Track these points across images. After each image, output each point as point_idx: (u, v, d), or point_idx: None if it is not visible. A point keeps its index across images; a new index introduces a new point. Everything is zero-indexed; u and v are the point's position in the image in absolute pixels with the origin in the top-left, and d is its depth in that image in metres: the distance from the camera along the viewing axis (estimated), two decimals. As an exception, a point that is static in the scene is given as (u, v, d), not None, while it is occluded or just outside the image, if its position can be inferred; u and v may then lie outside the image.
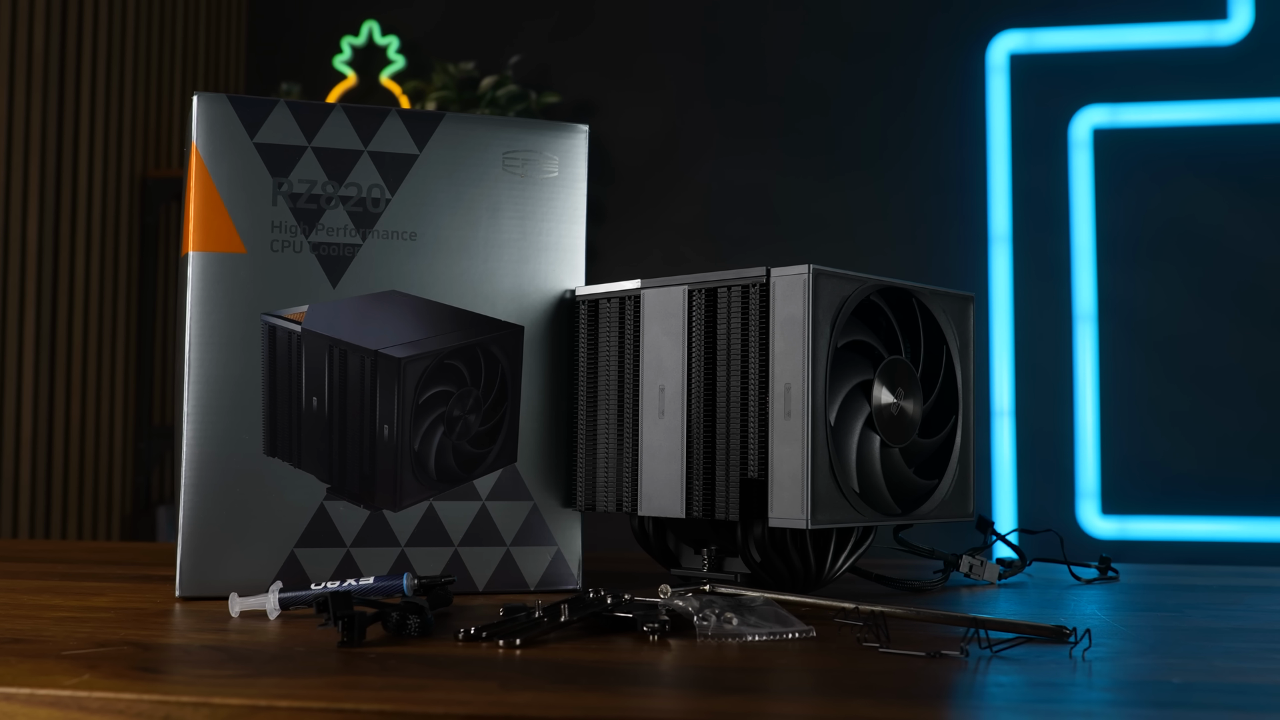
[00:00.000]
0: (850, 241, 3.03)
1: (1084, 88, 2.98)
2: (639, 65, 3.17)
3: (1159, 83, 2.95)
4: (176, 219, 3.06)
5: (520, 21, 3.21)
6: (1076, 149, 2.98)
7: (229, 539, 0.82)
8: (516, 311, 0.88)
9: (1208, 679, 0.56)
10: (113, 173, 2.83)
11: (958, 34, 3.05)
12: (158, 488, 2.97)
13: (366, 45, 3.17)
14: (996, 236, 2.99)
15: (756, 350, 0.78)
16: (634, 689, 0.54)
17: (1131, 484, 2.90)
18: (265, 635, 0.66)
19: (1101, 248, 2.95)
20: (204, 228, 0.82)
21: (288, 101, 0.84)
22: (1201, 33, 2.94)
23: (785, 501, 0.76)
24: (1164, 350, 2.92)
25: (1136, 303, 2.93)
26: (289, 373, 0.83)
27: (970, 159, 3.02)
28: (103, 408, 2.80)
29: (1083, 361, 2.94)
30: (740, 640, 0.65)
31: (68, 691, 0.51)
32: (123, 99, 2.86)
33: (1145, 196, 2.94)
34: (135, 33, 2.90)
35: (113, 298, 2.82)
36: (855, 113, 3.09)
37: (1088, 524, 2.89)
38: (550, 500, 0.89)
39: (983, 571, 0.96)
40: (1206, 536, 2.84)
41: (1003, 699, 0.52)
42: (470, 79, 3.09)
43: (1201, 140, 2.93)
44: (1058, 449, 2.94)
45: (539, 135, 0.90)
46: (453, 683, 0.53)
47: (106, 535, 2.79)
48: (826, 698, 0.53)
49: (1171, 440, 2.90)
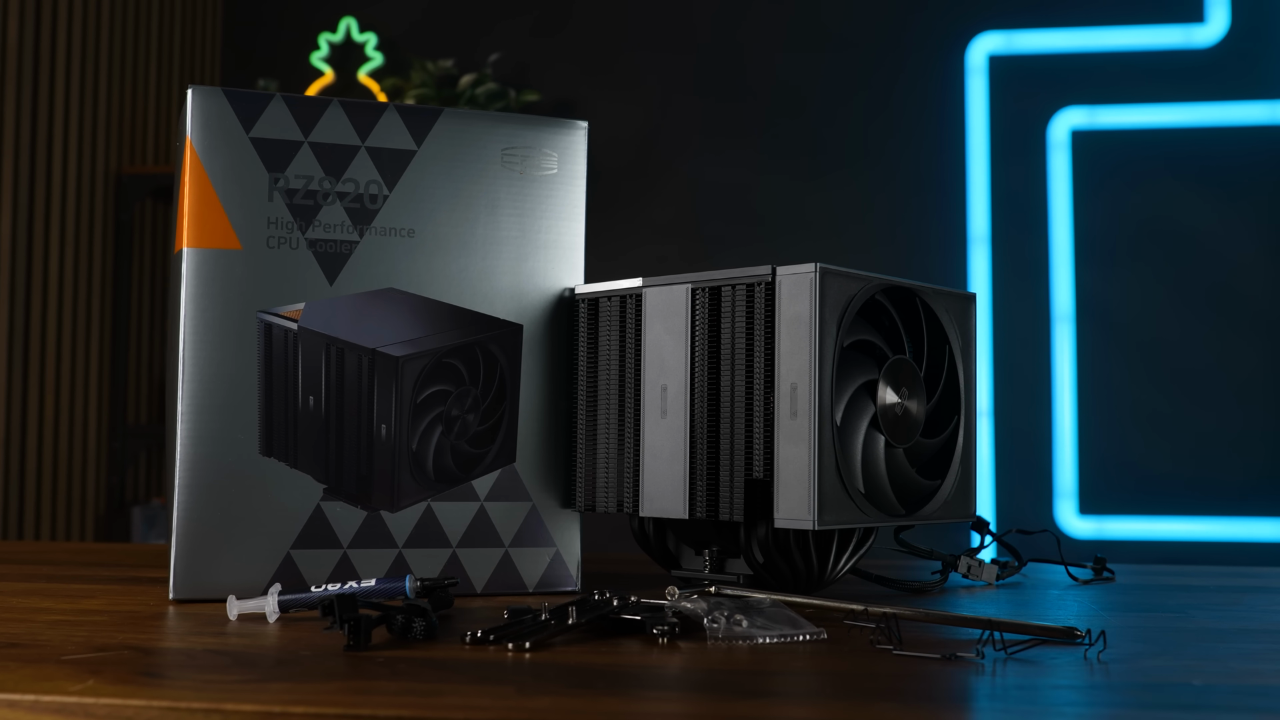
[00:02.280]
0: (832, 241, 3.03)
1: (1062, 89, 2.99)
2: (619, 64, 3.16)
3: (1136, 85, 2.97)
4: (152, 216, 3.03)
5: (499, 19, 3.20)
6: (1055, 150, 2.99)
7: (224, 540, 0.80)
8: (515, 310, 0.87)
9: (1227, 681, 0.56)
10: (87, 169, 2.79)
11: (937, 35, 3.06)
12: (132, 488, 2.94)
13: (344, 42, 3.14)
14: (975, 237, 2.99)
15: (762, 349, 0.77)
16: (653, 693, 0.54)
17: (1108, 484, 2.92)
18: (267, 639, 0.65)
19: (1079, 248, 2.96)
20: (198, 223, 0.81)
21: (284, 95, 0.83)
22: (1178, 35, 2.96)
23: (791, 502, 0.75)
24: (1141, 350, 2.93)
25: (1114, 303, 2.95)
26: (285, 371, 0.82)
27: (950, 160, 3.03)
28: (76, 406, 2.76)
29: (1061, 362, 2.95)
30: (750, 643, 0.65)
31: (73, 698, 0.49)
32: (97, 95, 2.83)
33: (1122, 197, 2.96)
34: (110, 28, 2.87)
35: (87, 295, 2.79)
36: (836, 113, 3.09)
37: (1065, 524, 2.90)
38: (549, 501, 0.88)
39: (980, 572, 0.96)
40: (1183, 536, 2.86)
41: (1028, 702, 0.52)
42: (449, 76, 3.07)
43: (1178, 142, 2.95)
44: (1036, 449, 2.95)
45: (538, 131, 0.89)
46: (468, 687, 0.52)
47: (80, 536, 2.76)
48: (850, 701, 0.52)
49: (1148, 440, 2.91)
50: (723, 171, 3.10)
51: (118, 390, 2.85)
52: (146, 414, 2.99)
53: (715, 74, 3.13)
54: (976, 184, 3.01)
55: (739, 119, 3.11)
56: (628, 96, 3.13)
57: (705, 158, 3.11)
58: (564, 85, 3.16)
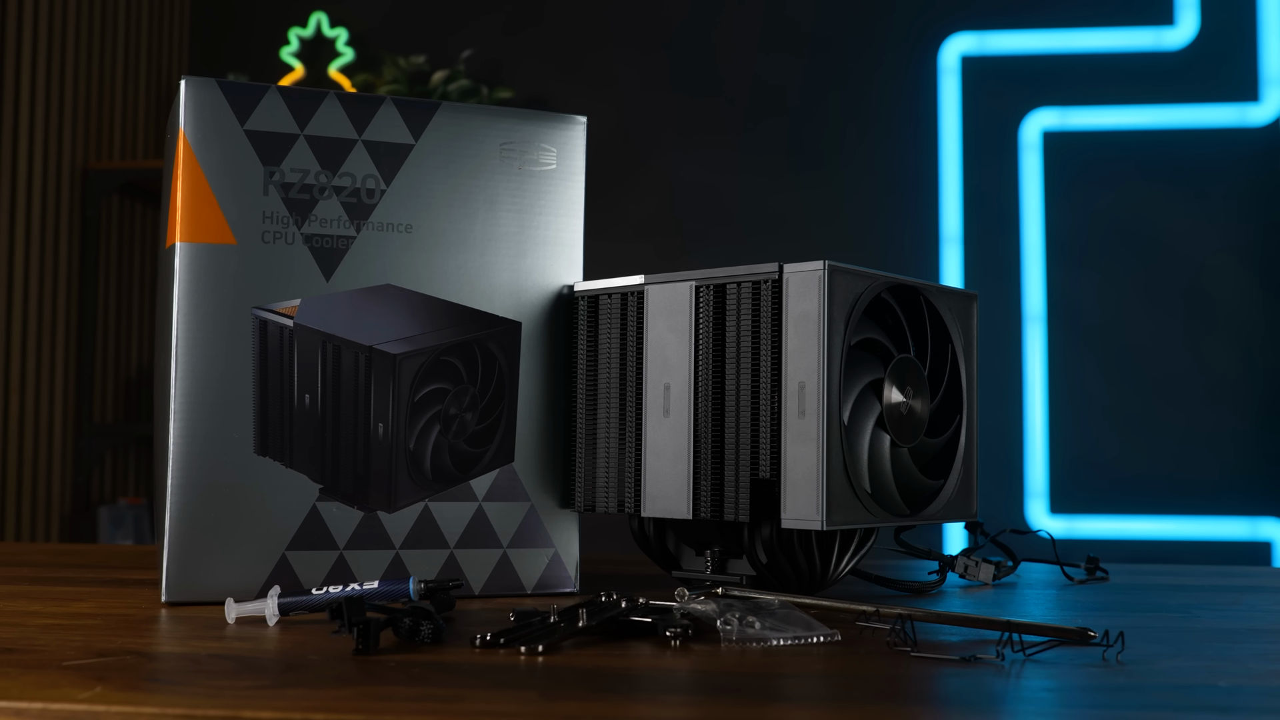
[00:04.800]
0: (807, 240, 3.03)
1: (1034, 91, 3.01)
2: (592, 60, 3.14)
3: (1107, 86, 2.99)
4: (119, 211, 2.98)
5: (471, 15, 3.17)
6: (1027, 151, 3.00)
7: (217, 542, 0.79)
8: (514, 307, 0.86)
9: (1251, 682, 0.56)
10: (53, 164, 2.75)
11: (910, 36, 3.07)
12: (98, 488, 2.89)
13: (315, 37, 3.11)
14: (948, 237, 3.00)
15: (768, 348, 0.76)
16: (677, 697, 0.52)
17: (1078, 483, 2.93)
18: (270, 643, 0.63)
19: (1051, 249, 2.97)
20: (192, 218, 0.79)
21: (279, 88, 0.81)
22: (1149, 38, 2.98)
23: (799, 502, 0.74)
24: (1111, 350, 2.95)
25: (1085, 303, 2.96)
26: (280, 369, 0.80)
27: (923, 159, 3.04)
28: (41, 405, 2.72)
29: (1032, 361, 2.96)
30: (764, 645, 0.64)
31: (83, 705, 0.48)
32: (63, 89, 2.79)
33: (1093, 198, 2.98)
34: (77, 21, 2.83)
35: (52, 291, 2.75)
36: (810, 112, 3.09)
37: (1036, 523, 2.92)
38: (548, 501, 0.86)
39: (977, 572, 0.96)
40: (1154, 535, 2.88)
41: (1062, 705, 0.51)
42: (421, 73, 3.04)
43: (1149, 144, 2.97)
44: (1007, 448, 2.96)
45: (537, 126, 0.88)
46: (489, 692, 0.51)
47: (45, 537, 2.72)
48: (881, 705, 0.51)
49: (1119, 440, 2.93)
50: (697, 170, 3.09)
51: (83, 388, 2.81)
52: (113, 412, 2.95)
53: (689, 72, 3.12)
54: (949, 184, 3.02)
55: (713, 118, 3.11)
56: (601, 94, 3.12)
57: (680, 156, 3.10)
58: (537, 82, 3.14)
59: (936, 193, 3.02)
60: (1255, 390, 2.91)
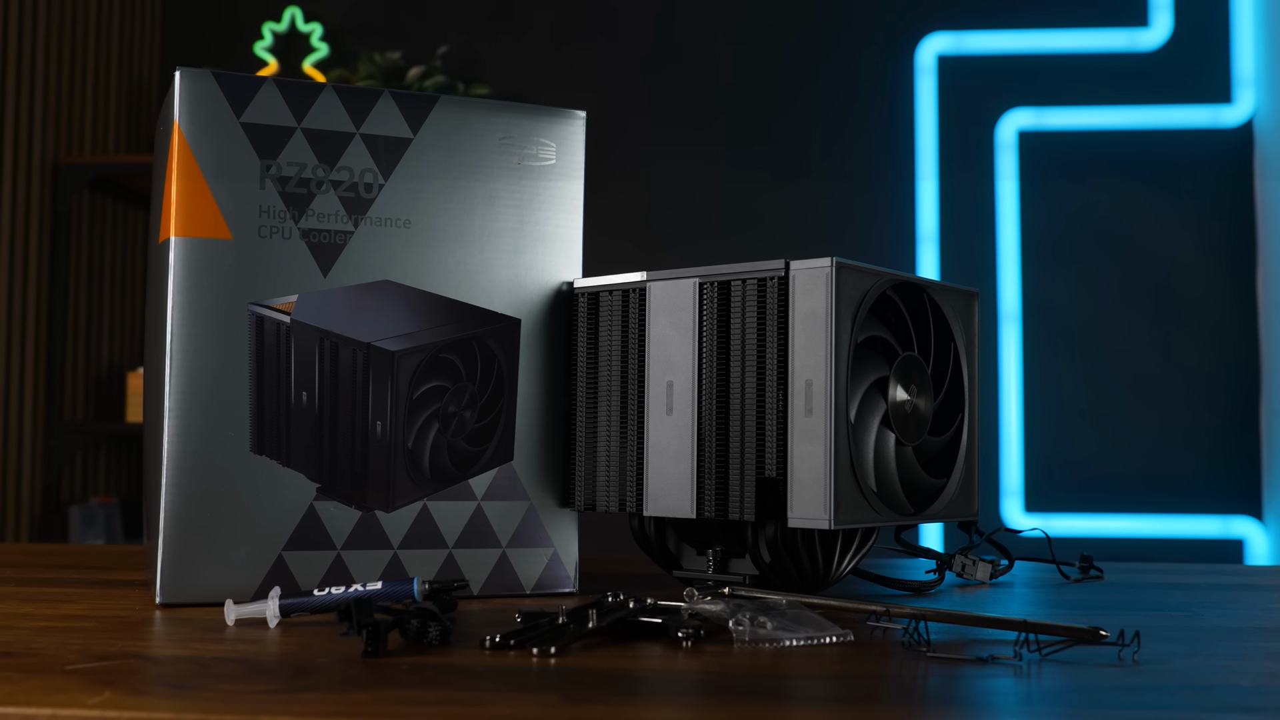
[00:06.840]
0: (785, 238, 3.03)
1: (1010, 91, 3.02)
2: (569, 57, 3.13)
3: (1083, 87, 3.00)
4: (90, 207, 2.94)
5: (447, 10, 3.15)
6: (1002, 151, 3.01)
7: (212, 543, 0.77)
8: (513, 303, 0.85)
9: (1271, 681, 0.55)
10: (24, 159, 2.71)
11: (887, 35, 3.07)
12: (69, 486, 2.85)
13: (289, 32, 3.08)
14: (924, 236, 3.01)
15: (774, 345, 0.76)
16: (700, 699, 0.52)
17: (1052, 482, 2.94)
18: (273, 645, 0.62)
19: (1026, 248, 2.98)
20: (187, 212, 0.78)
21: (276, 80, 0.80)
22: (1123, 39, 3.00)
23: (806, 501, 0.74)
24: (1086, 349, 2.97)
25: (1060, 302, 2.98)
26: (277, 366, 0.79)
27: (899, 158, 3.04)
28: (11, 402, 2.68)
29: (1007, 360, 2.97)
30: (777, 645, 0.63)
31: (95, 711, 0.46)
32: (34, 83, 2.75)
33: (1068, 198, 2.99)
34: (47, 15, 2.79)
35: (22, 288, 2.71)
36: (787, 111, 3.08)
37: (1011, 522, 2.93)
38: (547, 500, 0.85)
39: (975, 571, 0.95)
40: (1128, 533, 2.90)
41: (1087, 705, 0.50)
42: (397, 69, 3.02)
43: (1123, 144, 2.99)
44: (982, 447, 2.96)
45: (536, 121, 0.87)
46: (509, 695, 0.50)
47: (15, 536, 2.68)
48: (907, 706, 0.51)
49: (1093, 438, 2.95)
50: (673, 167, 3.08)
51: (54, 386, 2.77)
52: (84, 410, 2.91)
53: (665, 71, 3.11)
54: (925, 183, 3.02)
55: (690, 115, 3.10)
56: (579, 96, 3.11)
57: (655, 153, 3.09)
58: (514, 80, 3.13)
59: (913, 192, 3.03)
60: (1228, 388, 2.94)
